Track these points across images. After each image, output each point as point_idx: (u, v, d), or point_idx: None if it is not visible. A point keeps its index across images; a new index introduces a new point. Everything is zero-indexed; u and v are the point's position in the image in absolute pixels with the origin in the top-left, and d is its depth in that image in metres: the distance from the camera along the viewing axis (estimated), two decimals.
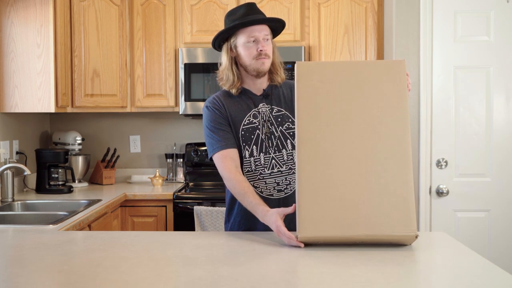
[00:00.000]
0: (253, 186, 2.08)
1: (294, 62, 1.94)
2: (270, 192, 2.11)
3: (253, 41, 2.07)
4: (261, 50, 2.06)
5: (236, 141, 2.11)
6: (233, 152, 2.07)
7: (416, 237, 1.71)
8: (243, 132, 2.10)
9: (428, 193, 3.32)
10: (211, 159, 2.10)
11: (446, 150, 3.32)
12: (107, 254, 1.73)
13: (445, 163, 3.32)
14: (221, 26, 2.19)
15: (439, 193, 3.32)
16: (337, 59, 3.58)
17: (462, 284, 1.46)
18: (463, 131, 3.32)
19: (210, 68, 3.53)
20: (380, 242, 1.75)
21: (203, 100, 3.49)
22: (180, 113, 3.60)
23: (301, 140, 1.75)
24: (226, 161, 2.04)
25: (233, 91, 2.13)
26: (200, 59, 3.56)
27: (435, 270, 1.61)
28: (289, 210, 1.82)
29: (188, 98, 3.57)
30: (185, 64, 3.56)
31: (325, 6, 3.59)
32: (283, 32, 2.24)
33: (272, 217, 1.82)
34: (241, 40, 2.08)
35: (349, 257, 1.67)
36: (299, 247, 1.74)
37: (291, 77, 3.21)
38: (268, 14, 3.55)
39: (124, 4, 3.65)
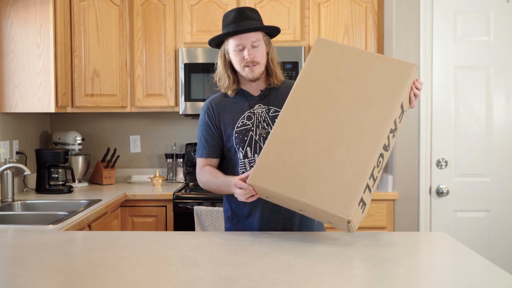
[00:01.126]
0: None
1: (294, 62, 1.95)
2: None
3: (240, 49, 2.06)
4: (246, 58, 2.04)
5: (228, 144, 2.12)
6: (213, 161, 2.17)
7: (349, 222, 1.74)
8: (236, 135, 2.10)
9: (428, 193, 3.32)
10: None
11: (446, 150, 3.32)
12: (107, 254, 1.73)
13: (445, 163, 3.32)
14: (220, 26, 2.19)
15: (439, 193, 3.32)
16: None
17: (462, 284, 1.46)
18: (463, 131, 3.32)
19: (210, 68, 3.51)
20: (316, 216, 1.85)
21: (203, 100, 3.49)
22: (180, 113, 3.60)
23: (290, 103, 1.89)
24: (204, 167, 2.15)
25: (229, 92, 2.14)
26: (200, 59, 3.56)
27: (435, 270, 1.61)
28: (248, 172, 1.89)
29: (188, 98, 3.56)
30: (185, 64, 3.56)
31: (325, 6, 3.58)
32: (283, 32, 2.23)
33: (234, 180, 1.92)
34: (231, 47, 2.08)
35: (349, 257, 1.67)
36: (252, 196, 1.85)
37: (291, 77, 3.22)
38: (268, 14, 3.55)
39: (124, 4, 3.65)
